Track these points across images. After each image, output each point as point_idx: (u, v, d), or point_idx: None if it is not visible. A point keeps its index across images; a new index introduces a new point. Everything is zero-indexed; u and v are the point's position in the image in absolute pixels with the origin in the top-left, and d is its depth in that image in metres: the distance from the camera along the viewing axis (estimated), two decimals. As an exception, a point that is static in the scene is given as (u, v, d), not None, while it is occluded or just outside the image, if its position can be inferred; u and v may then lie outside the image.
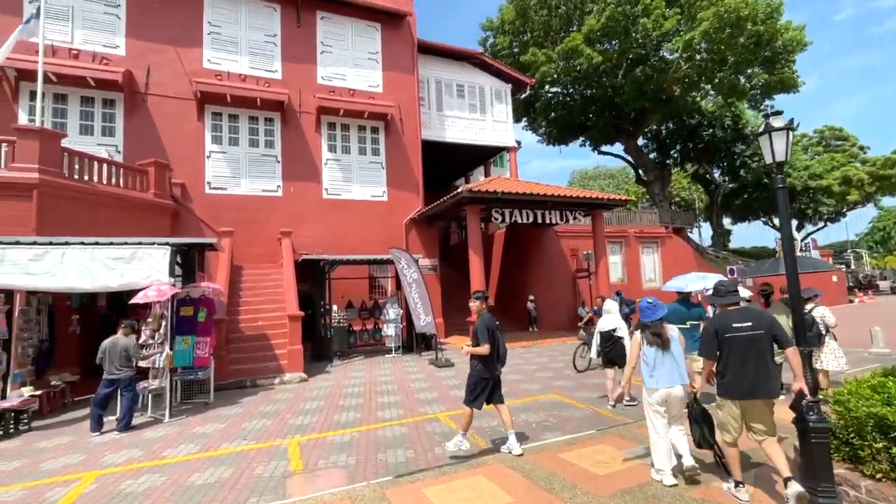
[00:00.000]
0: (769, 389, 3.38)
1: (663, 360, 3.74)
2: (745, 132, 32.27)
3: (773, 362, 3.50)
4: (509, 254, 20.17)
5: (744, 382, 3.39)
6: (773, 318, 3.55)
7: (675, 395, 3.70)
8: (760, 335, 3.39)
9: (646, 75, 22.40)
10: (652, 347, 3.80)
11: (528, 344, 13.40)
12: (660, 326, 3.85)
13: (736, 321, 3.49)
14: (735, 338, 3.44)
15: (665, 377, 3.72)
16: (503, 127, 19.95)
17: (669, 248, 21.35)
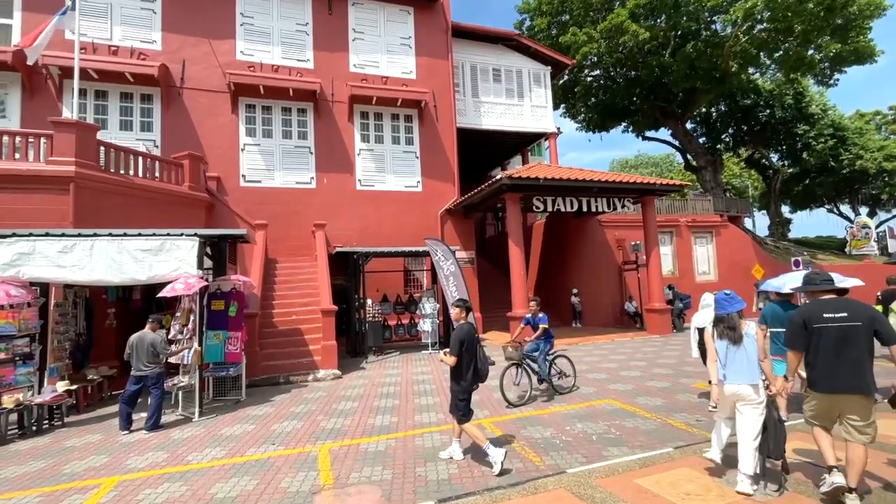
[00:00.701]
0: (862, 386, 3.08)
1: (735, 355, 3.53)
2: (809, 111, 29.50)
3: (869, 358, 3.12)
4: (549, 246, 19.20)
5: (834, 376, 3.14)
6: (875, 312, 3.22)
7: (742, 393, 3.49)
8: (857, 327, 3.12)
9: (698, 51, 20.62)
10: (724, 341, 3.62)
11: (573, 341, 12.51)
12: (735, 320, 3.64)
13: (828, 311, 3.23)
14: (826, 328, 3.18)
15: (733, 373, 3.52)
16: (542, 112, 18.91)
17: (725, 238, 19.69)
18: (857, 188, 35.32)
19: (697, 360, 8.82)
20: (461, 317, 4.57)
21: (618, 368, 8.45)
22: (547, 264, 19.33)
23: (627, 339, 12.64)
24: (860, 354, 3.09)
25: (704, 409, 5.58)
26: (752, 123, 30.84)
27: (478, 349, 4.43)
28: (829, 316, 3.20)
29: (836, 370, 3.13)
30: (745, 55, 20.25)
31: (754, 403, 3.45)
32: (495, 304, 16.01)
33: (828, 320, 3.20)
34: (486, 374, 4.55)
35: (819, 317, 3.24)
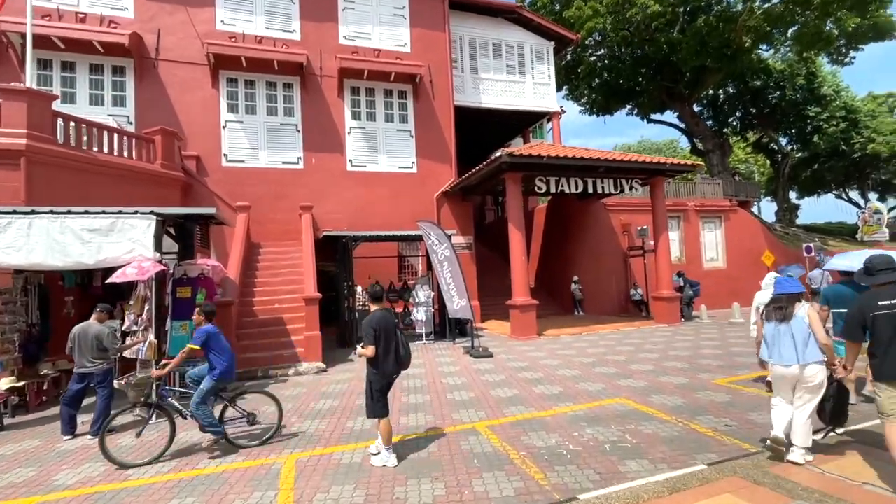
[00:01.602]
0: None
1: (781, 336, 3.56)
2: (821, 92, 28.41)
3: None
4: (551, 231, 18.38)
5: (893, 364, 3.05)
6: None
7: (791, 373, 3.49)
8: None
9: (709, 26, 19.54)
10: (771, 322, 3.67)
11: (576, 331, 11.79)
12: (785, 300, 3.65)
13: (883, 299, 3.18)
14: (882, 316, 3.14)
15: (778, 353, 3.57)
16: (545, 90, 17.93)
17: (734, 223, 18.86)
18: (867, 173, 34.34)
19: (714, 353, 8.16)
20: (373, 304, 4.25)
21: (627, 361, 7.72)
22: (549, 250, 18.55)
23: (633, 329, 11.92)
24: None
25: (731, 411, 4.86)
26: (762, 106, 29.77)
27: (398, 335, 4.17)
28: (885, 304, 3.14)
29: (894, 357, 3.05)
30: (758, 31, 19.19)
31: (808, 386, 3.44)
32: (495, 291, 15.28)
33: (883, 308, 3.14)
34: (409, 361, 4.27)
35: (875, 305, 3.18)
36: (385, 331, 4.04)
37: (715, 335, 10.24)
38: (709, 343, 9.20)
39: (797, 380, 3.47)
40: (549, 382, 6.46)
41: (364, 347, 4.01)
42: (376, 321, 4.05)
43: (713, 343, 9.18)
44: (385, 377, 4.07)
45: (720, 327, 11.58)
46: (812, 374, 3.41)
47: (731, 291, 17.28)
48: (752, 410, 4.82)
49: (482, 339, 10.90)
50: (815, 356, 3.42)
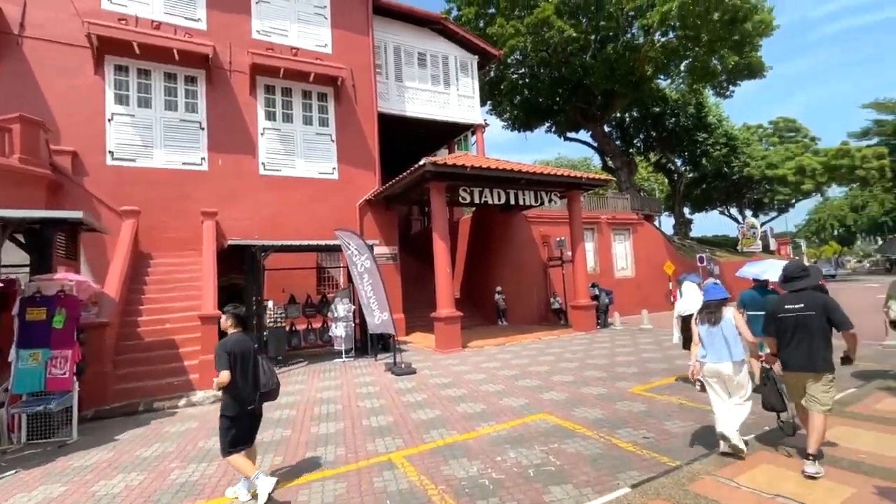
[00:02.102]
0: (815, 365, 3.53)
1: (713, 337, 3.92)
2: (707, 120, 32.19)
3: (823, 342, 3.54)
4: (476, 242, 18.53)
5: (793, 357, 3.65)
6: (829, 302, 3.61)
7: (722, 371, 3.89)
8: (810, 316, 3.59)
9: (617, 54, 21.24)
10: (704, 325, 4.02)
11: (500, 342, 11.79)
12: (715, 306, 4.03)
13: (788, 303, 3.74)
14: (785, 318, 3.71)
15: (713, 353, 3.91)
16: (469, 102, 18.16)
17: (641, 235, 20.46)
18: (744, 192, 39.50)
19: (628, 360, 8.50)
20: (229, 326, 3.93)
21: (549, 372, 7.73)
22: (474, 261, 18.65)
23: (554, 338, 12.21)
24: (812, 339, 3.55)
25: (649, 421, 4.92)
26: (660, 130, 33.01)
27: (258, 361, 3.90)
28: (789, 307, 3.72)
29: (794, 352, 3.64)
30: (657, 62, 21.22)
31: (738, 380, 3.85)
32: (422, 303, 14.95)
33: (787, 311, 3.72)
34: (276, 391, 3.99)
35: (781, 308, 3.77)
36: (241, 355, 3.74)
37: (628, 342, 10.77)
38: (623, 350, 9.60)
39: (729, 375, 3.86)
40: (473, 399, 6.20)
41: (220, 376, 3.56)
42: (231, 344, 3.74)
43: (627, 350, 9.59)
44: (241, 405, 3.68)
45: (632, 334, 12.25)
46: (736, 371, 3.85)
47: (640, 299, 18.60)
48: (667, 419, 4.92)
49: (406, 353, 10.45)
50: (741, 354, 3.85)
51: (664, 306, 19.80)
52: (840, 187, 40.29)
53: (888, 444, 3.76)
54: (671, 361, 8.09)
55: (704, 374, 3.99)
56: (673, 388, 6.31)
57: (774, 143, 38.92)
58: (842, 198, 62.23)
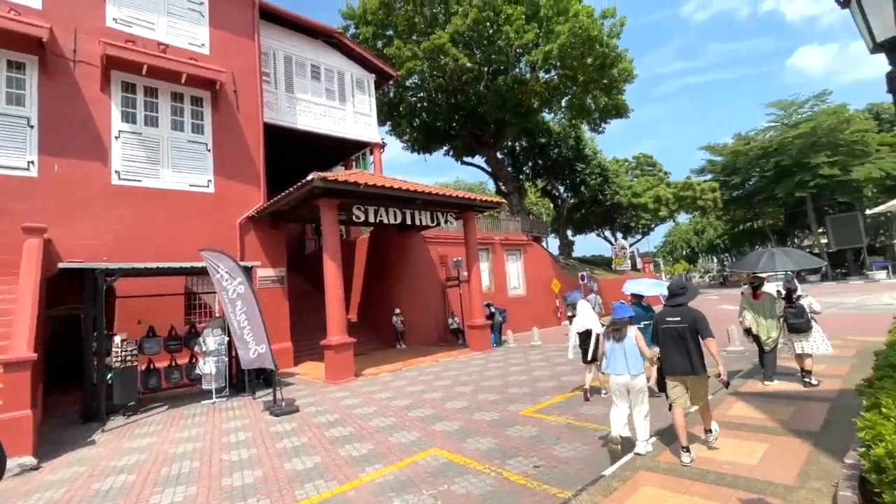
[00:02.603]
0: (693, 369, 4.13)
1: (616, 352, 4.40)
2: (584, 152, 35.96)
3: (696, 348, 4.17)
4: (374, 263, 17.94)
5: (672, 363, 4.25)
6: (698, 315, 4.25)
7: (622, 382, 4.33)
8: (684, 328, 4.19)
9: (507, 86, 22.74)
10: (610, 341, 4.48)
11: (396, 367, 11.30)
12: (621, 324, 4.47)
13: (669, 316, 4.35)
14: (665, 329, 4.32)
15: (614, 366, 4.39)
16: (366, 120, 17.80)
17: (531, 255, 21.71)
18: (615, 217, 44.80)
19: (520, 380, 8.62)
20: None
21: (443, 399, 7.47)
22: (372, 282, 18.01)
23: (451, 359, 12.09)
24: (687, 347, 4.17)
25: (539, 447, 4.86)
26: (546, 159, 36.07)
27: None
28: (669, 320, 4.33)
29: (672, 358, 4.25)
30: (542, 96, 23.19)
31: (637, 389, 4.30)
32: (317, 329, 13.80)
33: (667, 323, 4.33)
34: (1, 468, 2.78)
35: (663, 321, 4.38)
36: None
37: (520, 360, 11.05)
38: (516, 369, 9.78)
39: (628, 386, 4.31)
40: (360, 439, 5.63)
41: None
42: None
43: (519, 368, 9.79)
44: None
45: (524, 351, 12.66)
46: (638, 381, 4.30)
47: (531, 315, 19.58)
48: (556, 443, 4.91)
49: (292, 388, 9.44)
50: (639, 368, 4.32)
51: (552, 322, 21.12)
52: (686, 214, 47.65)
53: (746, 452, 4.10)
54: (559, 378, 8.39)
55: (610, 384, 4.47)
56: (561, 406, 6.44)
57: (637, 175, 44.88)
58: (687, 223, 74.03)
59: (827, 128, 37.39)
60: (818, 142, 37.74)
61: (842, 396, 5.44)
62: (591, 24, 19.01)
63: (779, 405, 5.30)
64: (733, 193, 45.49)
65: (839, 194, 39.61)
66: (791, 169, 39.16)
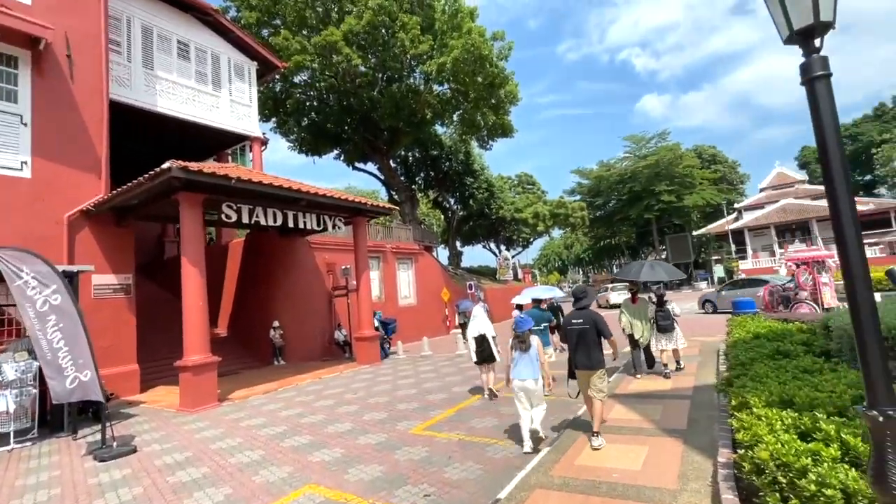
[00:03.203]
0: (592, 365, 4.70)
1: (521, 359, 4.83)
2: (473, 167, 37.54)
3: (597, 347, 4.73)
4: (249, 269, 16.07)
5: (578, 360, 4.82)
6: (598, 317, 4.85)
7: (528, 386, 4.75)
8: (586, 328, 4.74)
9: (401, 93, 22.56)
10: (516, 351, 4.89)
11: (272, 387, 10.04)
12: (525, 335, 4.87)
13: (574, 318, 4.88)
14: (571, 329, 4.85)
15: (520, 372, 4.80)
16: (245, 111, 16.02)
17: (422, 264, 21.64)
18: (499, 230, 47.53)
19: (409, 395, 8.15)
20: None
21: (324, 422, 6.68)
22: (247, 292, 16.08)
23: (336, 375, 11.19)
24: (590, 345, 4.73)
25: (429, 470, 4.45)
26: (437, 171, 36.81)
27: None
28: (574, 321, 4.86)
29: (577, 355, 4.82)
30: (435, 108, 23.50)
31: (537, 392, 4.77)
32: (176, 346, 11.70)
33: (573, 324, 4.86)
34: None
35: (570, 322, 4.91)
36: None
37: (410, 372, 10.64)
38: (405, 382, 9.33)
39: (529, 388, 4.74)
40: (215, 482, 4.62)
41: None
42: None
43: (409, 381, 9.37)
44: None
45: (413, 362, 12.30)
46: (537, 385, 4.77)
47: (421, 324, 19.40)
48: (447, 465, 4.56)
49: (134, 420, 7.71)
50: (538, 373, 4.81)
51: (441, 331, 21.22)
52: (560, 230, 52.67)
53: (630, 458, 4.18)
54: (449, 390, 8.16)
55: (514, 387, 4.85)
56: (452, 421, 6.16)
57: (519, 192, 48.31)
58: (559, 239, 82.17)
59: (666, 162, 44.70)
60: (660, 173, 44.89)
61: (697, 393, 6.08)
62: (482, 43, 19.82)
63: (650, 405, 5.71)
64: (597, 213, 51.64)
65: (675, 217, 47.58)
66: (641, 194, 45.92)
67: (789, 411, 2.60)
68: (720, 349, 8.91)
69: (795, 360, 4.02)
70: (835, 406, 2.60)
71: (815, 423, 2.38)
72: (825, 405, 2.61)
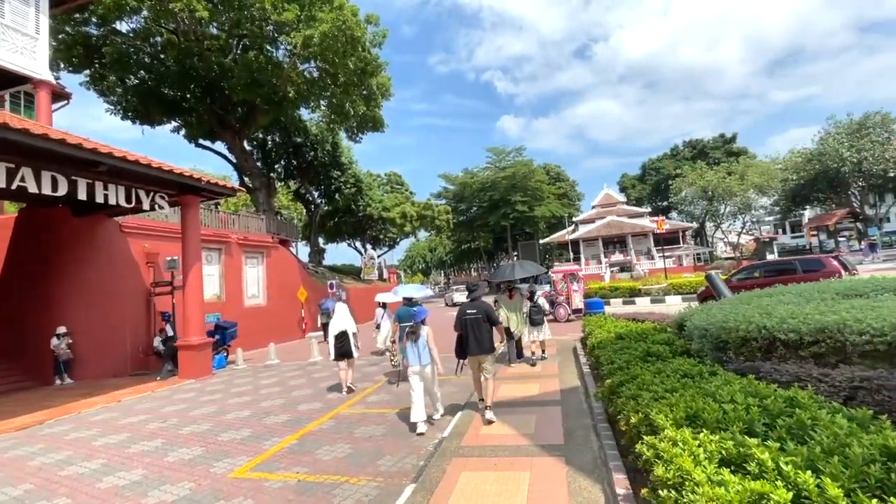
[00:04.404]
0: (484, 350, 5.38)
1: (413, 348, 5.38)
2: (341, 160, 35.45)
3: (488, 333, 5.45)
4: (24, 258, 11.93)
5: (470, 346, 5.41)
6: (489, 307, 5.63)
7: (417, 370, 5.35)
8: (479, 317, 5.44)
9: (260, 64, 19.71)
10: (408, 341, 5.45)
11: (35, 420, 7.20)
12: (417, 326, 5.44)
13: (468, 309, 5.56)
14: (465, 319, 5.47)
15: (413, 359, 5.38)
16: (27, 44, 11.89)
17: (275, 259, 19.15)
18: (366, 229, 46.00)
19: (240, 418, 6.42)
20: None
21: (101, 471, 4.71)
22: (20, 288, 11.88)
23: (144, 395, 8.68)
24: (482, 332, 5.38)
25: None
26: (301, 160, 33.73)
27: None
28: (469, 311, 5.47)
29: (470, 342, 5.38)
30: (299, 89, 21.16)
31: (427, 374, 5.40)
32: None
33: (467, 314, 5.46)
34: None
35: (464, 312, 5.50)
36: None
37: (248, 387, 8.79)
38: (237, 402, 7.55)
39: (422, 373, 5.29)
40: None
41: None
42: None
43: (243, 400, 7.61)
44: None
45: (255, 373, 10.35)
46: (427, 370, 5.34)
47: (270, 328, 17.03)
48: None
49: None
50: (428, 360, 5.32)
51: (295, 335, 19.02)
52: (426, 232, 53.46)
53: (512, 492, 3.54)
54: (295, 408, 6.75)
55: (409, 372, 5.40)
56: (294, 451, 4.87)
57: (388, 191, 47.56)
58: (424, 241, 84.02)
59: (521, 175, 48.85)
60: (516, 184, 48.83)
61: (566, 398, 5.89)
62: (355, 24, 18.37)
63: (523, 416, 5.26)
64: (460, 218, 53.85)
65: (526, 226, 52.33)
66: (499, 203, 49.30)
67: (706, 433, 2.17)
68: (575, 347, 9.28)
69: (671, 363, 3.89)
70: (743, 422, 2.25)
71: (742, 448, 1.95)
72: (734, 422, 2.25)
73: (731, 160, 50.34)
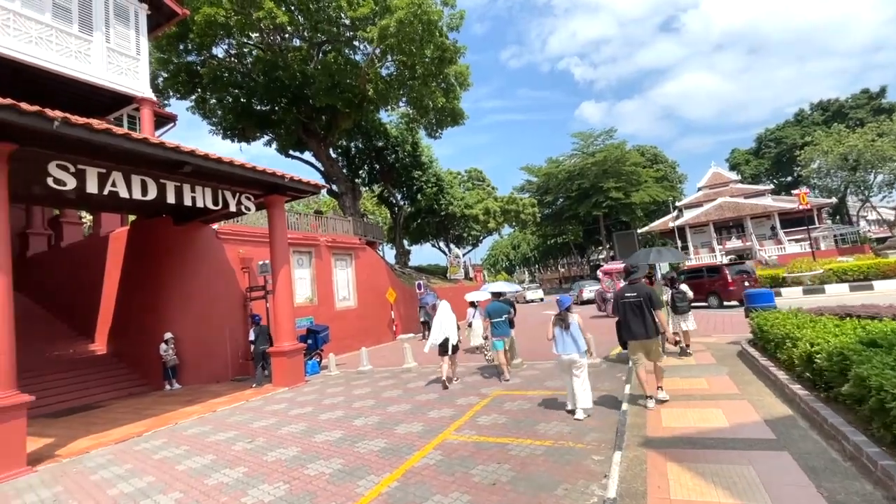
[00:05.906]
0: (649, 334, 5.22)
1: (564, 336, 5.29)
2: (421, 159, 35.05)
3: (650, 318, 5.24)
4: (136, 267, 12.53)
5: (634, 330, 5.27)
6: (651, 291, 5.41)
7: (570, 359, 5.22)
8: (640, 300, 5.28)
9: (338, 65, 19.62)
10: (558, 328, 5.35)
11: (134, 431, 6.92)
12: (565, 314, 5.37)
13: (627, 292, 5.43)
14: (625, 303, 5.37)
15: (563, 347, 5.28)
16: (130, 65, 12.48)
17: (364, 261, 18.78)
18: (448, 228, 45.43)
19: (329, 442, 5.44)
20: None
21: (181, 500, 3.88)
22: (132, 296, 12.51)
23: (238, 405, 8.23)
24: (643, 316, 5.26)
25: None
26: (383, 164, 33.94)
27: None
28: (628, 295, 5.41)
29: (633, 326, 5.31)
30: (377, 87, 20.76)
31: (580, 365, 5.22)
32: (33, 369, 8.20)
33: (626, 297, 5.41)
34: None
35: (623, 296, 5.49)
36: None
37: (340, 399, 7.93)
38: (328, 417, 6.64)
39: (572, 363, 5.23)
40: None
41: None
42: None
43: (334, 416, 6.68)
44: None
45: (347, 382, 9.56)
46: (580, 359, 5.23)
47: (362, 330, 16.61)
48: None
49: None
50: (583, 347, 5.27)
51: (386, 337, 18.50)
52: (510, 227, 51.51)
53: None
54: (392, 431, 5.59)
55: (559, 361, 5.36)
56: (392, 496, 3.63)
57: (469, 188, 46.47)
58: (507, 238, 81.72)
59: (613, 159, 44.73)
60: (608, 170, 44.84)
61: (784, 434, 3.96)
62: (430, 6, 17.41)
63: (727, 465, 3.51)
64: (545, 211, 50.99)
65: (622, 215, 47.83)
66: (589, 191, 45.64)
67: None
68: (744, 352, 7.07)
69: None
70: None
71: None
72: None
73: (882, 118, 41.24)
